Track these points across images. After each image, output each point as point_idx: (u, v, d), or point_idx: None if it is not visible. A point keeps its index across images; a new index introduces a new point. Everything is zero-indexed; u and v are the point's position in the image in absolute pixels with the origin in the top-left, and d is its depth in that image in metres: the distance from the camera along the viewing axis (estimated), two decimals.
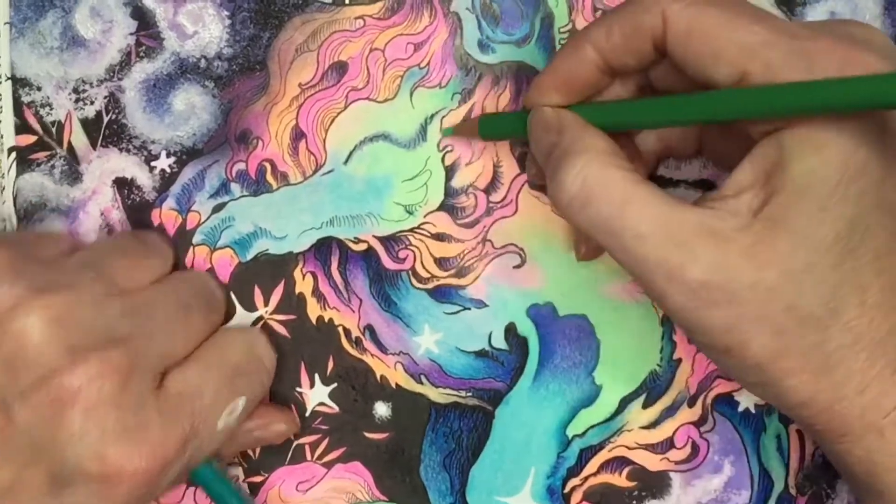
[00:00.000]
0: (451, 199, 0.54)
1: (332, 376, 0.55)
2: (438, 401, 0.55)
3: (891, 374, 0.43)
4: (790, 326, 0.42)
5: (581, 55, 0.46)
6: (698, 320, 0.43)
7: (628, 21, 0.44)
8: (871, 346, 0.42)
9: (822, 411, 0.44)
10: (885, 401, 0.43)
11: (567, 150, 0.44)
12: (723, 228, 0.42)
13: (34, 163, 0.55)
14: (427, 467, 0.55)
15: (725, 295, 0.42)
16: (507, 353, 0.55)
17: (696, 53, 0.42)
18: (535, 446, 0.55)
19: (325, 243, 0.55)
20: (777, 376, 0.43)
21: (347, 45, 0.54)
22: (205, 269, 0.55)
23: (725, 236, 0.42)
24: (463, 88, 0.54)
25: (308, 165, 0.55)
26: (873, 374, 0.43)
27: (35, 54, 0.55)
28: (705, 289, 0.42)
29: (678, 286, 0.42)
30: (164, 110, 0.55)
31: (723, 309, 0.42)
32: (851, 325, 0.42)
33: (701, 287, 0.42)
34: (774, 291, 0.42)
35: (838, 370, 0.43)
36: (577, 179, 0.43)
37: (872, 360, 0.43)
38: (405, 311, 0.55)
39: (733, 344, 0.43)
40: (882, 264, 0.42)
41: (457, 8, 0.54)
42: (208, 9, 0.54)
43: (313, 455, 0.55)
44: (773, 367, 0.43)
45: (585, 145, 0.44)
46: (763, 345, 0.42)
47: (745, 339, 0.43)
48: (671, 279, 0.42)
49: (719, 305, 0.42)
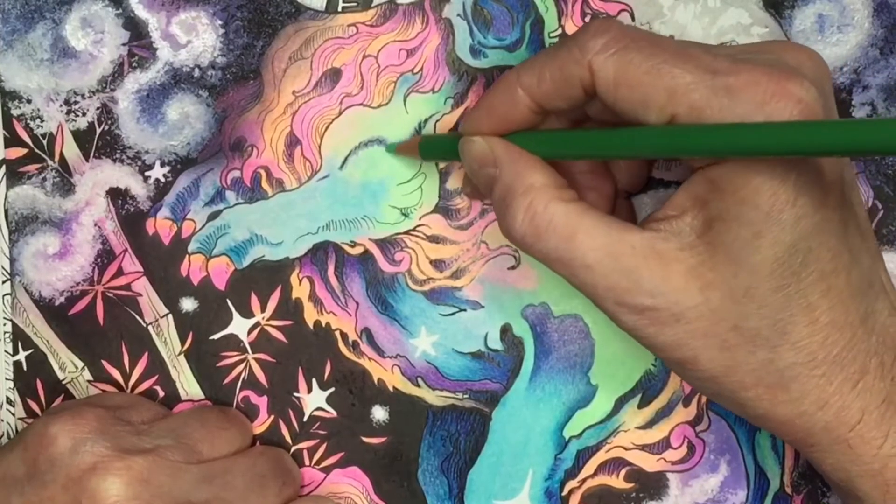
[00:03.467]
0: (446, 201, 0.55)
1: (329, 381, 0.55)
2: (435, 404, 0.55)
3: (850, 388, 0.44)
4: (738, 343, 0.43)
5: (512, 97, 0.47)
6: (649, 338, 0.45)
7: (557, 69, 0.45)
8: (826, 363, 0.43)
9: (784, 424, 0.45)
10: (848, 415, 0.44)
11: (510, 188, 0.46)
12: (667, 249, 0.43)
13: (25, 175, 0.55)
14: (425, 472, 0.55)
15: (672, 316, 0.43)
16: (502, 353, 0.55)
17: (625, 100, 0.43)
18: (532, 448, 0.55)
19: (321, 248, 0.55)
20: (732, 388, 0.44)
21: (341, 52, 0.54)
22: (200, 276, 0.55)
23: (670, 257, 0.43)
24: (456, 93, 0.54)
25: (303, 171, 0.55)
26: (832, 391, 0.44)
27: (25, 66, 0.55)
28: (652, 311, 0.43)
29: (627, 309, 0.44)
30: (158, 120, 0.55)
31: (670, 328, 0.44)
32: (802, 345, 0.43)
33: (648, 309, 0.43)
34: (719, 312, 0.43)
35: (793, 387, 0.44)
36: (525, 219, 0.45)
37: (830, 376, 0.43)
38: (402, 313, 0.55)
39: (685, 358, 0.44)
40: (829, 283, 0.43)
41: (448, 14, 0.54)
42: (201, 18, 0.54)
43: (311, 460, 0.56)
44: (726, 380, 0.44)
45: (527, 183, 0.45)
46: (712, 359, 0.44)
47: (695, 355, 0.44)
48: (620, 303, 0.44)
49: (667, 324, 0.44)
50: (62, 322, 0.56)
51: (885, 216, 0.55)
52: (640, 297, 0.43)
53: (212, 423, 0.52)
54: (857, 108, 0.55)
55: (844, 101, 0.55)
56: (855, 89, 0.55)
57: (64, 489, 0.47)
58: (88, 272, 0.55)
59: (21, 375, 0.56)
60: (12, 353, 0.55)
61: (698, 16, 0.54)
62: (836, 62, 0.54)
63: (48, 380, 0.56)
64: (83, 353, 0.56)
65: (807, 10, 0.55)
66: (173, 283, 0.55)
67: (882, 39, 0.55)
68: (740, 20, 0.54)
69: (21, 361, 0.56)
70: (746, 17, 0.54)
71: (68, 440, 0.48)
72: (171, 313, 0.55)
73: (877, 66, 0.55)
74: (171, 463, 0.49)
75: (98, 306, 0.55)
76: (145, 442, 0.49)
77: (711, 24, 0.54)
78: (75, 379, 0.56)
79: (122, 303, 0.55)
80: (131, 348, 0.56)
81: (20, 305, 0.55)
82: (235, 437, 0.53)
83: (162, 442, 0.49)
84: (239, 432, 0.53)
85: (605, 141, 0.45)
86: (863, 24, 0.55)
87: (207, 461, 0.50)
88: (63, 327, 0.56)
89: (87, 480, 0.47)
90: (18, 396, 0.56)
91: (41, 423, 0.49)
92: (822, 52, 0.54)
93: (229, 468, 0.51)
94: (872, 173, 0.55)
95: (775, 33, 0.54)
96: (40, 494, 0.47)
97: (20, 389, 0.56)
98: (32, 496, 0.47)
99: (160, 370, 0.56)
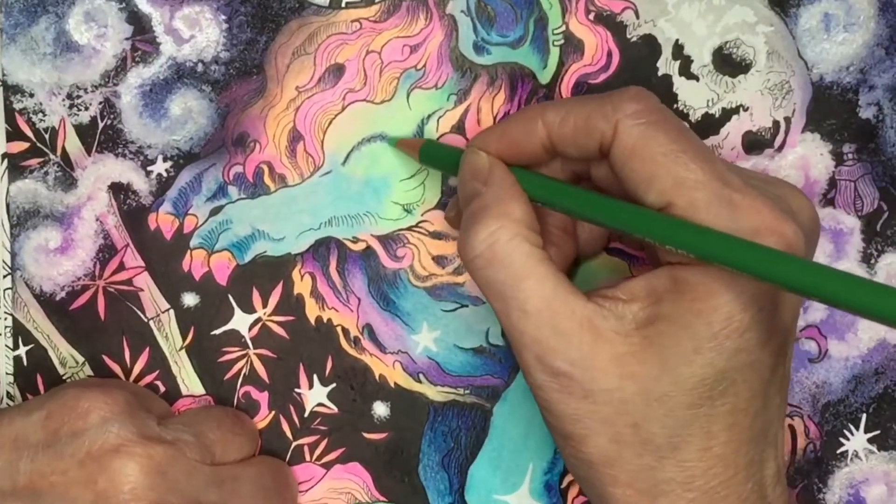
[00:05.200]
0: (449, 197, 0.55)
1: (330, 376, 0.55)
2: (437, 399, 0.55)
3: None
4: (630, 441, 0.44)
5: (531, 127, 0.47)
6: (552, 402, 0.44)
7: (584, 117, 0.45)
8: (701, 491, 0.44)
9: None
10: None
11: (486, 207, 0.46)
12: (604, 328, 0.43)
13: (27, 169, 0.55)
14: (426, 467, 0.56)
15: (583, 390, 0.43)
16: (504, 349, 0.55)
17: (633, 170, 0.44)
18: (532, 442, 0.55)
19: (323, 244, 0.55)
20: (604, 480, 0.45)
21: (344, 47, 0.54)
22: (202, 272, 0.55)
23: (604, 336, 0.43)
24: (459, 89, 0.55)
25: (306, 167, 0.55)
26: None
27: (27, 60, 0.54)
28: (567, 378, 0.44)
29: (543, 367, 0.44)
30: (161, 115, 0.55)
31: (576, 401, 0.44)
32: (688, 465, 0.43)
33: (563, 375, 0.44)
34: (627, 405, 0.43)
35: (661, 500, 0.44)
36: (486, 241, 0.45)
37: None
38: (404, 309, 0.55)
39: (575, 434, 0.44)
40: (736, 419, 0.43)
41: (452, 10, 0.54)
42: (205, 13, 0.54)
43: (312, 456, 0.56)
44: (602, 470, 0.44)
45: (504, 209, 0.45)
46: (599, 446, 0.44)
47: (585, 435, 0.44)
48: (539, 359, 0.44)
49: (574, 396, 0.44)
50: (63, 317, 0.55)
51: (889, 217, 0.55)
52: (561, 360, 0.43)
53: (227, 427, 0.52)
54: (863, 109, 0.55)
55: (851, 102, 0.55)
56: (861, 89, 0.55)
57: (81, 465, 0.47)
58: (90, 267, 0.55)
59: (21, 371, 0.55)
60: (13, 348, 0.55)
61: (703, 13, 0.54)
62: (841, 62, 0.55)
63: (49, 375, 0.56)
64: (84, 348, 0.56)
65: (813, 8, 0.55)
66: (175, 279, 0.55)
67: (888, 39, 0.55)
68: (745, 18, 0.54)
69: (21, 356, 0.55)
70: (751, 15, 0.55)
71: (97, 417, 0.48)
72: (173, 308, 0.55)
73: (882, 66, 0.55)
74: (187, 460, 0.48)
75: (99, 301, 0.55)
76: (167, 433, 0.49)
77: (716, 22, 0.54)
78: (76, 374, 0.55)
79: (124, 298, 0.55)
80: (132, 343, 0.56)
81: (21, 300, 0.55)
82: (245, 445, 0.53)
83: (182, 437, 0.49)
84: (249, 440, 0.53)
85: (599, 206, 0.45)
86: (868, 24, 0.55)
87: (219, 464, 0.51)
88: (64, 322, 0.55)
89: (108, 460, 0.47)
90: (18, 392, 0.55)
91: (71, 394, 0.49)
92: (829, 51, 0.55)
93: (238, 475, 0.51)
94: (879, 175, 0.55)
95: (780, 32, 0.55)
96: (53, 465, 0.47)
97: (20, 385, 0.55)
98: (44, 465, 0.47)
99: (161, 365, 0.56)
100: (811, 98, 0.55)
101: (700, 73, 0.55)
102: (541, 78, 0.55)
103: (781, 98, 0.55)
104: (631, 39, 0.54)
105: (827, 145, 0.55)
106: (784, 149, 0.55)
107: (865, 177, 0.55)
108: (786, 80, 0.55)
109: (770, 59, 0.55)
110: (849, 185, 0.55)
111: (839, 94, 0.55)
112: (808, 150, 0.55)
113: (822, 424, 0.56)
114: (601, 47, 0.54)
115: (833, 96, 0.55)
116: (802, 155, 0.55)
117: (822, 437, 0.56)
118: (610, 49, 0.54)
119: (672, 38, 0.54)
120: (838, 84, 0.55)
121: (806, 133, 0.55)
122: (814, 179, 0.56)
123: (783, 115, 0.55)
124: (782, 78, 0.55)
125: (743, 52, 0.55)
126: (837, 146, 0.55)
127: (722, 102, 0.55)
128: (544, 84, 0.55)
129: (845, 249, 0.56)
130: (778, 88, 0.55)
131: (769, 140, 0.55)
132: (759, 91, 0.55)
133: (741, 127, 0.55)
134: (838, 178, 0.56)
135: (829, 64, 0.55)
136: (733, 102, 0.55)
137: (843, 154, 0.55)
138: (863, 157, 0.55)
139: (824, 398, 0.56)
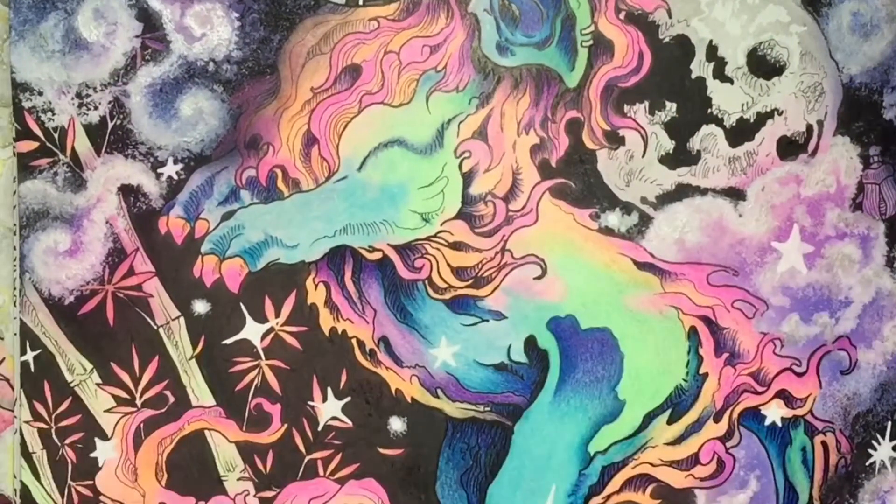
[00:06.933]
0: (469, 206, 0.53)
1: (345, 390, 0.54)
2: (455, 415, 0.54)
3: None
4: None
5: None
6: None
7: None
8: None
9: None
10: None
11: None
12: None
13: (36, 169, 0.54)
14: (443, 485, 0.54)
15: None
16: (526, 366, 0.54)
17: None
18: (555, 463, 0.54)
19: (338, 252, 0.54)
20: None
21: (361, 47, 0.53)
22: (213, 278, 0.54)
23: None
24: (481, 93, 0.53)
25: (321, 172, 0.53)
26: None
27: (36, 57, 0.53)
28: None
29: None
30: (171, 115, 0.53)
31: None
32: None
33: None
34: None
35: None
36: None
37: None
38: (421, 322, 0.54)
39: None
40: None
41: (474, 9, 0.53)
42: (217, 10, 0.53)
43: (326, 470, 0.54)
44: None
45: None
46: None
47: None
48: None
49: None
50: (71, 322, 0.54)
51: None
52: None
53: None
54: (887, 110, 0.55)
55: (876, 103, 0.55)
56: (885, 90, 0.55)
57: None
58: (99, 271, 0.54)
59: (28, 377, 0.54)
60: (20, 353, 0.54)
61: (737, 13, 0.53)
62: (867, 63, 0.54)
63: (56, 382, 0.55)
64: (92, 354, 0.54)
65: (842, 7, 0.54)
66: (185, 285, 0.54)
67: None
68: (779, 17, 0.53)
69: (29, 362, 0.54)
70: (785, 15, 0.54)
71: None
72: (183, 316, 0.54)
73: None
74: None
75: (108, 306, 0.54)
76: None
77: (750, 22, 0.53)
78: (83, 382, 0.55)
79: (133, 303, 0.54)
80: (141, 351, 0.54)
81: (29, 303, 0.54)
82: None
83: None
84: None
85: None
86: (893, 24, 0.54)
87: None
88: (72, 327, 0.54)
89: None
90: (25, 399, 0.55)
91: None
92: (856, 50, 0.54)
93: None
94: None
95: (813, 32, 0.54)
96: None
97: (27, 391, 0.55)
98: None
99: (171, 374, 0.54)
100: (841, 100, 0.54)
101: (734, 76, 0.54)
102: (568, 81, 0.53)
103: (814, 101, 0.54)
104: (663, 40, 0.53)
105: (856, 148, 0.55)
106: (817, 153, 0.55)
107: (888, 179, 0.55)
108: (818, 82, 0.54)
109: (803, 60, 0.54)
110: (874, 189, 0.55)
111: (866, 95, 0.54)
112: (838, 154, 0.55)
113: (853, 437, 0.55)
114: (632, 48, 0.53)
115: (861, 98, 0.55)
116: (834, 159, 0.55)
117: (853, 450, 0.56)
118: (641, 50, 0.53)
119: (706, 38, 0.53)
120: (866, 85, 0.54)
121: (837, 136, 0.55)
122: (844, 184, 0.55)
123: (816, 119, 0.54)
124: (815, 80, 0.54)
125: (777, 53, 0.54)
126: (865, 149, 0.55)
127: (756, 106, 0.54)
128: (572, 87, 0.53)
129: (872, 255, 0.55)
130: (811, 91, 0.54)
131: (803, 144, 0.54)
132: (793, 94, 0.54)
133: (775, 132, 0.54)
134: (865, 181, 0.55)
135: (857, 65, 0.54)
136: (768, 106, 0.54)
137: (870, 157, 0.55)
138: (886, 160, 0.55)
139: (854, 409, 0.56)
